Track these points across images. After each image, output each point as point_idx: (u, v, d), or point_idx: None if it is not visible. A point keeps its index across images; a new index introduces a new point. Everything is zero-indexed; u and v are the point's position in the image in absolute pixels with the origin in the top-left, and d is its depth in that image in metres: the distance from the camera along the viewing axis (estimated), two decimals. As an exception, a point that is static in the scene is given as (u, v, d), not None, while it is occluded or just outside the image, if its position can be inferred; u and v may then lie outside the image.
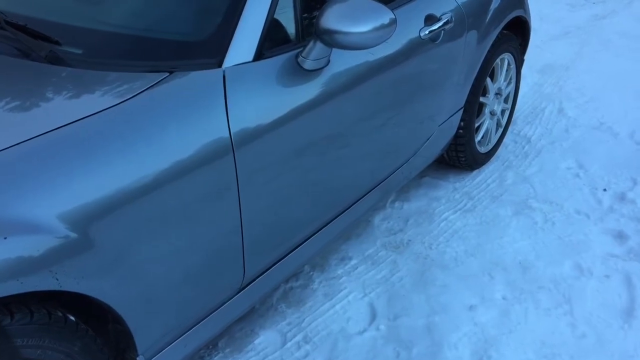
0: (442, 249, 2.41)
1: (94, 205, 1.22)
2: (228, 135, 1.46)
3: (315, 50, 1.65)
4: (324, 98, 1.73)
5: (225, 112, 1.47)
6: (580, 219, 2.61)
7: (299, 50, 1.68)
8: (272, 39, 1.66)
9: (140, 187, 1.30)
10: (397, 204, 2.68)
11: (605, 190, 2.81)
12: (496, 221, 2.58)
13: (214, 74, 1.51)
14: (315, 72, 1.70)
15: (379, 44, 1.66)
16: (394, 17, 1.66)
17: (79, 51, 1.54)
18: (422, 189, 2.81)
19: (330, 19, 1.58)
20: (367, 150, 2.00)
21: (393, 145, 2.16)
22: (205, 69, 1.52)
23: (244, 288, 1.70)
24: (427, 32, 2.11)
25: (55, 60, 1.49)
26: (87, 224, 1.21)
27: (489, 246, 2.42)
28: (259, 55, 1.61)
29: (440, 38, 2.20)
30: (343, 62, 1.79)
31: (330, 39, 1.60)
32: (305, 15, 1.77)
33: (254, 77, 1.57)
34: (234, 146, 1.47)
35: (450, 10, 2.27)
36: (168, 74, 1.47)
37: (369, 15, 1.61)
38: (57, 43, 1.54)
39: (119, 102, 1.35)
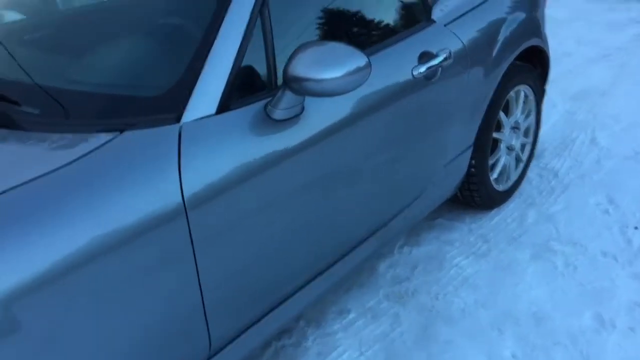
0: (450, 299, 2.24)
1: (20, 283, 1.15)
2: (180, 196, 1.37)
3: (284, 100, 1.55)
4: (298, 148, 1.62)
5: (177, 172, 1.38)
6: (606, 262, 2.39)
7: (268, 99, 1.59)
8: (241, 89, 1.58)
9: (72, 261, 1.21)
10: (405, 249, 2.53)
11: (636, 228, 2.59)
12: (512, 266, 2.40)
13: (169, 130, 1.43)
14: (286, 121, 1.60)
15: (350, 91, 1.55)
16: (367, 60, 1.54)
17: (28, 110, 1.48)
18: (434, 232, 2.65)
19: (299, 66, 1.49)
20: (353, 199, 1.88)
21: (386, 191, 2.02)
22: (162, 125, 1.44)
23: (212, 357, 1.59)
24: (420, 71, 1.98)
25: None
26: (12, 304, 1.13)
27: (501, 295, 2.24)
28: (224, 107, 1.52)
29: (438, 75, 2.06)
30: (321, 107, 1.68)
31: (299, 87, 1.50)
32: (280, 61, 1.68)
33: (216, 131, 1.48)
34: (187, 208, 1.38)
35: (449, 46, 2.14)
36: (119, 133, 1.40)
37: (339, 60, 1.51)
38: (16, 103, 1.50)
39: (55, 167, 1.28)
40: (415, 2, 2.14)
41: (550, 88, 4.10)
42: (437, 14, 2.20)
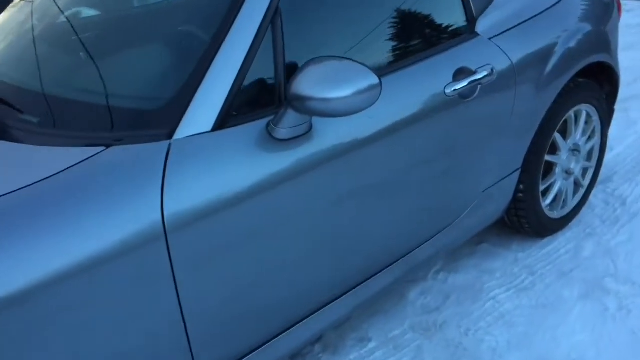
0: (481, 336, 2.06)
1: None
2: (159, 218, 1.29)
3: (287, 118, 1.45)
4: (302, 169, 1.51)
5: (159, 193, 1.31)
6: (666, 309, 2.13)
7: (272, 117, 1.49)
8: (244, 105, 1.49)
9: (41, 282, 1.16)
10: (440, 276, 2.36)
11: None
12: (556, 305, 2.18)
13: (157, 147, 1.36)
14: (290, 141, 1.49)
15: (357, 112, 1.43)
16: (377, 80, 1.42)
17: (8, 118, 1.46)
18: (475, 258, 2.46)
19: (302, 84, 1.39)
20: (367, 226, 1.74)
21: (409, 218, 1.87)
22: (152, 141, 1.37)
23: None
24: (454, 89, 1.82)
25: None
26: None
27: (539, 337, 2.04)
28: (222, 124, 1.44)
29: (476, 94, 1.89)
30: (332, 126, 1.57)
31: (302, 106, 1.40)
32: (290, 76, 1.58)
33: (209, 150, 1.40)
34: (167, 231, 1.30)
35: (493, 61, 1.95)
36: (104, 148, 1.34)
37: (346, 79, 1.40)
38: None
39: (29, 183, 1.24)
40: (457, 11, 1.97)
41: (631, 106, 3.76)
42: (482, 26, 2.02)
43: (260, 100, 1.53)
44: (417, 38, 1.85)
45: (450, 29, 1.95)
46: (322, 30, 1.68)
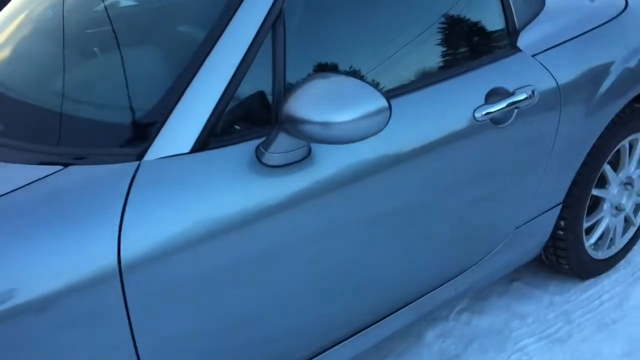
0: (503, 394, 1.81)
1: None
2: (114, 254, 1.10)
3: (278, 142, 1.24)
4: (297, 201, 1.30)
5: (118, 223, 1.11)
6: None
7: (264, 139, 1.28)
8: (233, 124, 1.29)
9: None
10: (464, 317, 2.11)
11: None
12: (594, 362, 1.91)
13: (122, 169, 1.16)
14: (283, 167, 1.28)
15: (358, 140, 1.21)
16: (385, 103, 1.20)
17: None
18: (505, 299, 2.20)
19: (296, 104, 1.18)
20: (371, 269, 1.51)
21: (421, 259, 1.63)
22: (118, 161, 1.18)
23: None
24: (485, 113, 1.57)
25: None
26: None
27: (571, 401, 1.77)
28: (203, 145, 1.24)
29: (512, 119, 1.64)
30: (336, 151, 1.35)
31: (295, 130, 1.19)
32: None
33: (187, 175, 1.20)
34: (122, 270, 1.10)
35: (534, 82, 1.70)
36: (62, 167, 1.16)
37: (347, 100, 1.19)
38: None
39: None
40: (496, 21, 1.72)
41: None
42: (525, 40, 1.76)
43: (252, 119, 1.33)
44: (446, 52, 1.61)
45: (487, 42, 1.71)
46: (333, 39, 1.46)
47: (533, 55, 1.74)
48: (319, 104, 1.17)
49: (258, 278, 1.29)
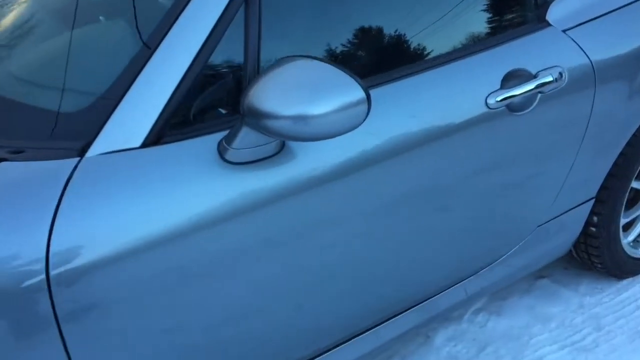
0: (514, 410, 1.63)
1: None
2: (43, 263, 0.96)
3: (241, 137, 1.08)
4: (265, 201, 1.13)
5: (48, 229, 0.97)
6: None
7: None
8: (194, 114, 1.13)
9: None
10: (480, 317, 1.92)
11: None
12: (622, 378, 1.70)
13: (59, 166, 1.02)
14: (249, 164, 1.11)
15: (331, 137, 1.03)
16: (363, 94, 1.02)
17: None
18: (529, 298, 1.99)
19: (258, 95, 1.01)
20: (359, 270, 1.35)
21: (422, 262, 1.45)
22: (57, 157, 1.04)
23: None
24: (499, 99, 1.36)
25: None
26: None
27: (591, 423, 1.58)
28: (157, 139, 1.08)
29: (533, 105, 1.42)
30: (313, 145, 1.17)
31: (256, 124, 1.03)
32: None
33: (136, 172, 1.05)
34: (51, 281, 0.97)
35: (564, 61, 1.46)
36: (-9, 163, 1.03)
37: (318, 91, 1.01)
38: None
39: None
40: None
41: None
42: (555, 13, 1.52)
43: (219, 108, 1.16)
44: (457, 27, 1.40)
45: (509, 14, 1.48)
46: (320, 14, 1.27)
47: (564, 31, 1.50)
48: (282, 94, 0.99)
49: (212, 288, 1.14)
